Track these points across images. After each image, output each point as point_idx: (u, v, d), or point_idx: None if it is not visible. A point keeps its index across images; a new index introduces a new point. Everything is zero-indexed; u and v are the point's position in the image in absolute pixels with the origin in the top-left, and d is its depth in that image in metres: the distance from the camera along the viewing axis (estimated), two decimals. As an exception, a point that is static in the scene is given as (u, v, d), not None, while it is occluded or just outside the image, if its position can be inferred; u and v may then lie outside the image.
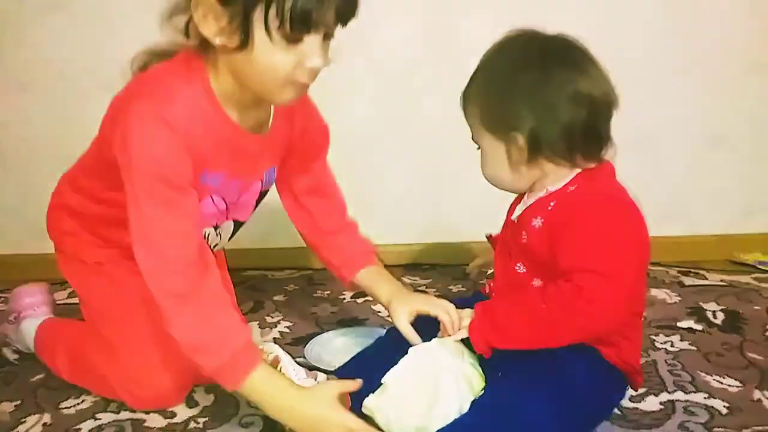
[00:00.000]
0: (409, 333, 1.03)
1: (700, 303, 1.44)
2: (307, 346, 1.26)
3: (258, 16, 0.85)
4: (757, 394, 1.07)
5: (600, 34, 1.69)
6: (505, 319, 0.92)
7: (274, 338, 1.34)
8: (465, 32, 1.62)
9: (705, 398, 1.06)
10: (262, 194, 1.18)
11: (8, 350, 1.30)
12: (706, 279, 1.59)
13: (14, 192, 1.73)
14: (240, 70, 0.91)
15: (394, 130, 1.71)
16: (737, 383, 1.11)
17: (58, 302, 1.36)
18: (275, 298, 1.56)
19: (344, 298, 1.55)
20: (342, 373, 1.03)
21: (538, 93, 0.91)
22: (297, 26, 0.85)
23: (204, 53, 0.93)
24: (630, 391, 1.07)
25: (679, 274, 1.61)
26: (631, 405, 1.05)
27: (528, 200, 0.99)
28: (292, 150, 1.16)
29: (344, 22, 0.90)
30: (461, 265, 1.70)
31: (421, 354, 0.95)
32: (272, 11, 0.84)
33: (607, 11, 1.62)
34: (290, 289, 1.62)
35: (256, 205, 1.19)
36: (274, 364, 0.98)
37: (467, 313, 0.98)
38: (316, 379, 0.99)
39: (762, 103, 1.68)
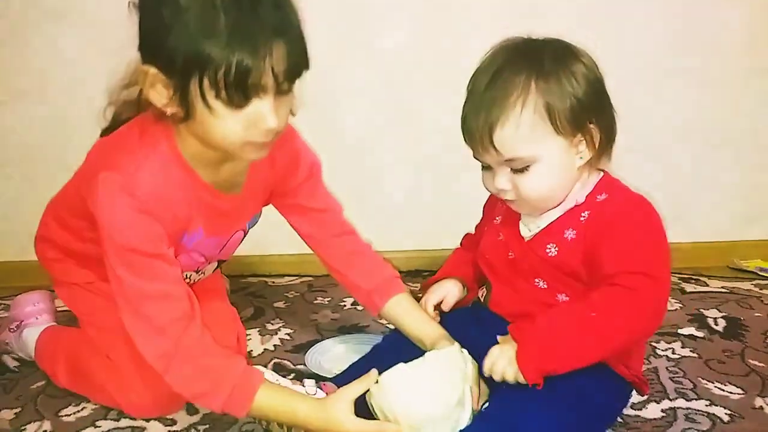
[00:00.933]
0: None
1: (702, 310, 1.43)
2: (307, 354, 1.25)
3: (194, 86, 0.81)
4: (759, 402, 1.07)
5: (600, 39, 1.69)
6: (553, 339, 0.87)
7: (274, 345, 1.34)
8: (465, 37, 1.62)
9: (707, 405, 1.06)
10: (245, 234, 1.17)
11: (8, 357, 1.30)
12: (707, 286, 1.58)
13: (16, 199, 1.73)
14: (198, 135, 0.90)
15: (394, 136, 1.72)
16: (739, 390, 1.10)
17: (58, 309, 1.35)
18: (275, 305, 1.56)
19: (345, 305, 1.55)
20: (340, 381, 1.03)
21: (593, 79, 0.91)
22: (234, 94, 0.81)
23: (165, 120, 0.91)
24: (631, 400, 1.07)
25: (680, 281, 1.61)
26: (633, 413, 1.04)
27: (540, 221, 0.96)
28: (282, 196, 1.15)
29: (292, 79, 0.86)
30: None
31: (445, 356, 0.94)
32: (206, 82, 0.80)
33: (607, 16, 1.63)
34: (290, 296, 1.62)
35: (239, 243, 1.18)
36: None
37: (502, 349, 0.90)
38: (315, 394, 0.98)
39: (763, 109, 1.69)
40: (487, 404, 0.95)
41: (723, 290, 1.55)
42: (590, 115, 0.90)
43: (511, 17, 1.61)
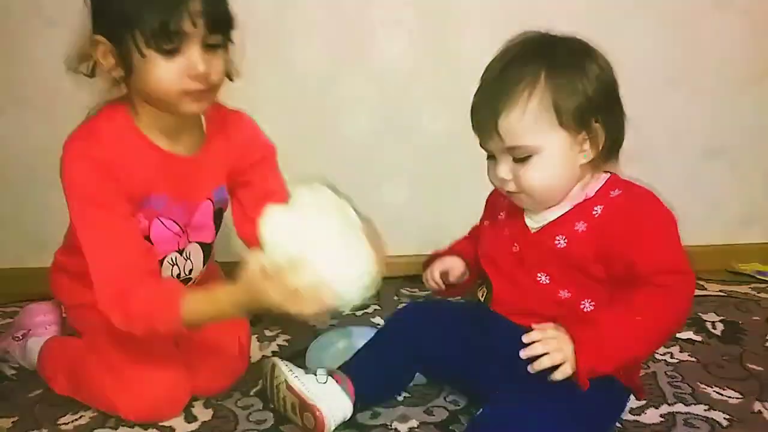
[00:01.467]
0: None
1: (700, 314, 1.44)
2: (308, 351, 1.26)
3: (130, 42, 0.93)
4: (757, 406, 1.07)
5: (599, 44, 1.70)
6: (608, 342, 0.89)
7: (272, 352, 1.34)
8: (464, 43, 1.63)
9: (705, 410, 1.06)
10: (218, 213, 1.18)
11: (6, 365, 1.30)
12: (705, 289, 1.59)
13: (14, 205, 1.73)
14: (143, 94, 1.00)
15: (393, 141, 1.72)
16: (737, 395, 1.10)
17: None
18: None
19: (343, 311, 1.54)
20: (347, 370, 1.06)
21: (605, 80, 0.94)
22: (161, 41, 0.92)
23: (122, 99, 1.03)
24: (630, 404, 1.07)
25: (678, 285, 1.61)
26: (632, 418, 1.05)
27: (547, 215, 0.98)
28: (238, 174, 1.16)
29: (213, 30, 0.96)
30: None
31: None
32: (138, 35, 0.92)
33: (602, 24, 1.63)
34: (289, 301, 1.61)
35: (217, 226, 1.19)
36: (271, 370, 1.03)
37: (559, 334, 0.90)
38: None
39: (758, 114, 1.69)
40: (481, 410, 0.95)
41: (721, 294, 1.56)
42: (596, 114, 0.92)
43: (510, 29, 1.61)
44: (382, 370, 1.05)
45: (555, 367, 0.87)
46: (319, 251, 0.86)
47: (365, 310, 1.54)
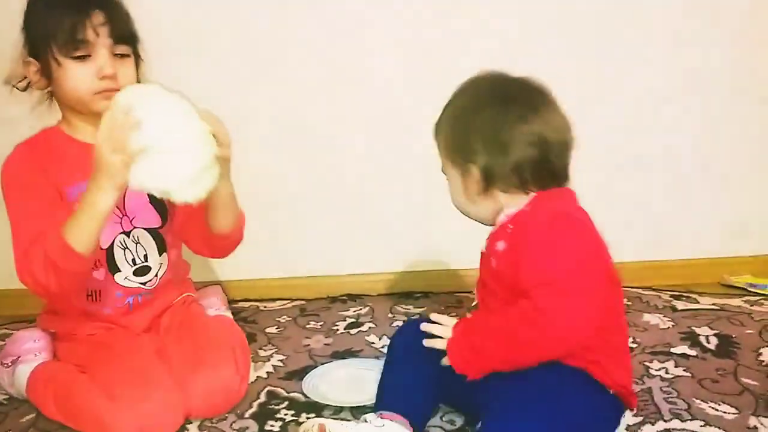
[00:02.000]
0: None
1: (693, 327, 1.44)
2: (304, 379, 1.25)
3: (49, 55, 1.12)
4: (753, 421, 1.07)
5: (590, 63, 1.72)
6: (481, 340, 0.96)
7: (267, 372, 1.33)
8: (458, 62, 1.63)
9: (701, 426, 1.06)
10: (153, 197, 1.20)
11: (-3, 391, 1.29)
12: (698, 303, 1.59)
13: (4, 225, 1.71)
14: (64, 100, 1.17)
15: (384, 158, 1.72)
16: (733, 410, 1.11)
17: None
18: (267, 330, 1.55)
19: (338, 329, 1.54)
20: (387, 403, 1.06)
21: (493, 130, 0.99)
22: (71, 49, 1.11)
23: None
24: (626, 421, 1.07)
25: (671, 299, 1.62)
26: (628, 435, 1.05)
27: (491, 230, 1.04)
28: None
29: (118, 41, 1.13)
30: (454, 293, 1.71)
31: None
32: (52, 46, 1.11)
33: (595, 40, 1.65)
34: (282, 320, 1.61)
35: (162, 213, 1.25)
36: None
37: (445, 326, 1.01)
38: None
39: (748, 126, 1.71)
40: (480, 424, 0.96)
41: (714, 307, 1.56)
42: (468, 159, 1.01)
43: (507, 45, 1.62)
44: (419, 391, 1.06)
45: None
46: (151, 111, 0.99)
47: (360, 328, 1.53)
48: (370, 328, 1.54)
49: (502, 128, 0.99)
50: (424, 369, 1.04)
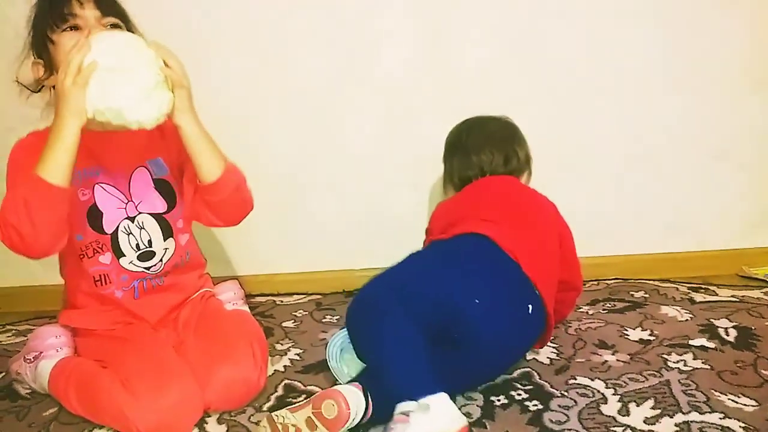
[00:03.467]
0: None
1: (712, 320, 1.43)
2: (328, 346, 1.28)
3: (47, 40, 1.16)
4: (773, 413, 1.06)
5: (602, 51, 1.70)
6: None
7: (284, 366, 1.34)
8: (465, 55, 1.64)
9: (720, 419, 1.05)
10: (161, 183, 1.26)
11: (20, 386, 1.30)
12: (717, 295, 1.58)
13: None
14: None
15: (396, 151, 1.72)
16: (753, 402, 1.10)
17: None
18: (284, 324, 1.56)
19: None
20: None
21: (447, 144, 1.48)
22: (61, 23, 1.15)
23: None
24: (644, 414, 1.07)
25: (689, 291, 1.61)
26: (647, 428, 1.04)
27: None
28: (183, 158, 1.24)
29: (105, 14, 1.16)
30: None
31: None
32: (48, 30, 1.15)
33: (608, 28, 1.63)
34: (299, 314, 1.62)
35: (168, 198, 1.27)
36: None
37: None
38: None
39: (765, 116, 1.68)
40: None
41: (733, 299, 1.55)
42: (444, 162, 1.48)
43: (512, 36, 1.62)
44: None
45: None
46: (105, 44, 1.06)
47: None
48: (386, 321, 1.54)
49: (454, 156, 1.47)
50: None
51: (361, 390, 1.03)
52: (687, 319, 1.44)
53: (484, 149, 1.39)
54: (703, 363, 1.24)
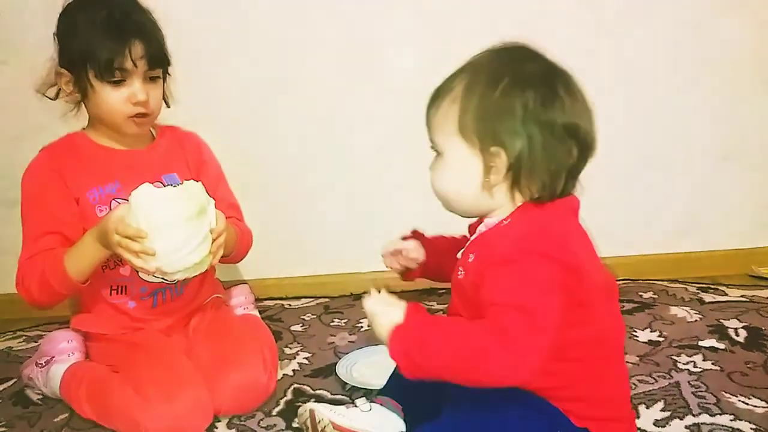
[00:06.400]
0: None
1: (722, 320, 1.42)
2: (338, 364, 1.30)
3: (84, 74, 1.15)
4: (784, 415, 1.06)
5: (610, 53, 1.70)
6: (425, 334, 0.83)
7: (293, 370, 1.34)
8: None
9: (731, 420, 1.05)
10: None
11: (32, 392, 1.31)
12: (726, 295, 1.57)
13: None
14: (94, 114, 1.22)
15: (404, 155, 1.72)
16: (763, 404, 1.09)
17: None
18: (293, 328, 1.57)
19: (362, 326, 1.55)
20: (386, 392, 1.05)
21: (541, 114, 0.84)
22: (108, 75, 1.14)
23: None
24: (653, 416, 1.06)
25: (698, 291, 1.60)
26: (657, 430, 1.04)
27: (472, 237, 0.93)
28: (197, 172, 1.30)
29: (153, 67, 1.18)
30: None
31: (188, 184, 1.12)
32: (90, 69, 1.15)
33: (614, 26, 1.63)
34: (307, 318, 1.62)
35: None
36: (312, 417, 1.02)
37: (387, 307, 0.87)
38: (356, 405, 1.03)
39: (772, 117, 1.68)
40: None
41: (742, 299, 1.54)
42: (498, 141, 0.85)
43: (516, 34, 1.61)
44: (422, 385, 1.04)
45: None
46: (161, 228, 1.05)
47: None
48: (394, 324, 1.54)
49: (550, 112, 0.84)
50: None
51: (384, 406, 1.01)
52: (696, 320, 1.44)
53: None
54: (713, 364, 1.24)
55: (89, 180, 1.22)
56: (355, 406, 1.03)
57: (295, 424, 1.14)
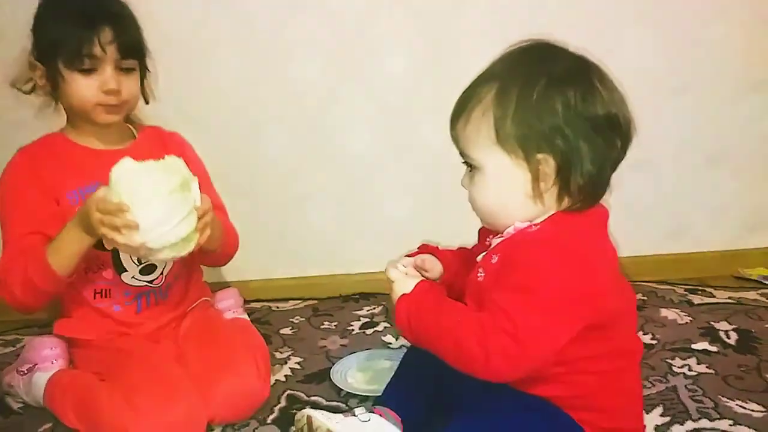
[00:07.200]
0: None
1: (712, 322, 1.43)
2: (332, 370, 1.28)
3: (55, 64, 1.13)
4: (781, 419, 1.07)
5: (599, 57, 1.69)
6: (424, 308, 0.86)
7: (285, 375, 1.31)
8: (465, 60, 1.61)
9: (731, 425, 1.05)
10: None
11: (11, 400, 1.26)
12: (714, 297, 1.58)
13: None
14: (68, 107, 1.19)
15: (394, 157, 1.70)
16: (760, 408, 1.10)
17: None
18: (282, 331, 1.53)
19: (353, 329, 1.52)
20: (385, 401, 1.03)
21: (583, 110, 0.82)
22: (77, 63, 1.12)
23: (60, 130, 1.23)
24: (654, 421, 1.06)
25: (686, 293, 1.61)
26: (658, 436, 1.04)
27: (495, 240, 0.91)
28: None
29: (125, 56, 1.14)
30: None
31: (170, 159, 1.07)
32: (59, 58, 1.12)
33: (603, 34, 1.63)
34: (296, 321, 1.59)
35: None
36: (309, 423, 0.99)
37: (407, 279, 0.92)
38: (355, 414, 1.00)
39: (759, 120, 1.69)
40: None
41: (730, 301, 1.55)
42: (543, 147, 0.82)
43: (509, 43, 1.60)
44: (421, 395, 1.03)
45: None
46: (143, 200, 1.01)
47: (375, 328, 1.52)
48: (385, 327, 1.52)
49: (592, 107, 0.82)
50: (427, 373, 1.00)
51: (383, 418, 0.99)
52: (687, 322, 1.45)
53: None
54: (707, 368, 1.24)
55: (69, 181, 1.18)
56: (354, 415, 1.00)
57: (290, 433, 1.11)
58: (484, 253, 0.91)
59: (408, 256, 1.06)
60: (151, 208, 1.01)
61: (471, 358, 0.80)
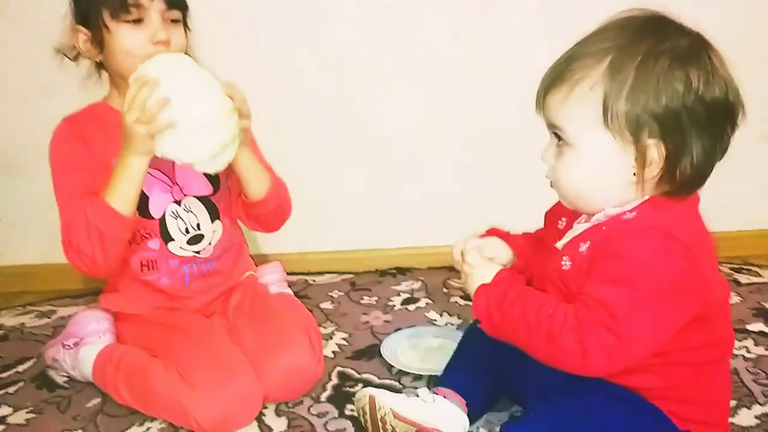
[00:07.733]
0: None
1: (764, 303, 1.41)
2: (382, 346, 1.27)
3: (99, 22, 1.08)
4: None
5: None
6: (507, 300, 0.82)
7: (333, 351, 1.29)
8: (509, 33, 1.57)
9: (799, 409, 1.04)
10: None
11: (56, 374, 1.24)
12: (761, 276, 1.56)
13: (40, 200, 1.64)
14: (114, 67, 1.12)
15: (433, 128, 1.66)
16: (827, 390, 1.08)
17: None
18: (322, 305, 1.51)
19: (394, 305, 1.50)
20: (445, 381, 1.02)
21: (705, 92, 0.76)
22: (123, 13, 1.07)
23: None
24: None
25: (732, 272, 1.58)
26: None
27: (579, 227, 0.86)
28: None
29: (170, 6, 1.09)
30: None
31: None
32: (104, 13, 1.07)
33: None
34: (335, 295, 1.56)
35: (213, 181, 1.21)
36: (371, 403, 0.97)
37: (483, 266, 0.88)
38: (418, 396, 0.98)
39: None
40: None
41: (777, 280, 1.53)
42: (655, 130, 0.76)
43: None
44: (485, 378, 1.00)
45: None
46: (178, 85, 1.00)
47: (417, 304, 1.49)
48: (427, 304, 1.50)
49: (711, 89, 0.76)
50: (492, 356, 0.98)
51: (448, 399, 0.97)
52: (737, 302, 1.42)
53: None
54: (766, 350, 1.22)
55: (114, 147, 1.12)
56: (417, 395, 0.98)
57: (347, 411, 1.09)
58: (565, 240, 0.87)
59: (474, 238, 1.00)
60: (183, 89, 1.00)
61: (565, 354, 0.77)
